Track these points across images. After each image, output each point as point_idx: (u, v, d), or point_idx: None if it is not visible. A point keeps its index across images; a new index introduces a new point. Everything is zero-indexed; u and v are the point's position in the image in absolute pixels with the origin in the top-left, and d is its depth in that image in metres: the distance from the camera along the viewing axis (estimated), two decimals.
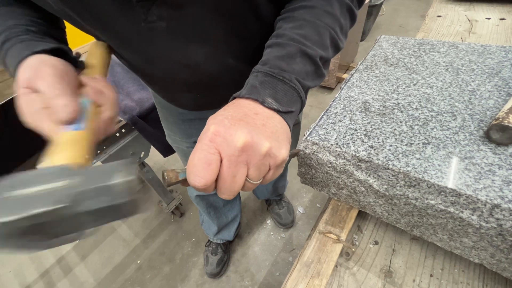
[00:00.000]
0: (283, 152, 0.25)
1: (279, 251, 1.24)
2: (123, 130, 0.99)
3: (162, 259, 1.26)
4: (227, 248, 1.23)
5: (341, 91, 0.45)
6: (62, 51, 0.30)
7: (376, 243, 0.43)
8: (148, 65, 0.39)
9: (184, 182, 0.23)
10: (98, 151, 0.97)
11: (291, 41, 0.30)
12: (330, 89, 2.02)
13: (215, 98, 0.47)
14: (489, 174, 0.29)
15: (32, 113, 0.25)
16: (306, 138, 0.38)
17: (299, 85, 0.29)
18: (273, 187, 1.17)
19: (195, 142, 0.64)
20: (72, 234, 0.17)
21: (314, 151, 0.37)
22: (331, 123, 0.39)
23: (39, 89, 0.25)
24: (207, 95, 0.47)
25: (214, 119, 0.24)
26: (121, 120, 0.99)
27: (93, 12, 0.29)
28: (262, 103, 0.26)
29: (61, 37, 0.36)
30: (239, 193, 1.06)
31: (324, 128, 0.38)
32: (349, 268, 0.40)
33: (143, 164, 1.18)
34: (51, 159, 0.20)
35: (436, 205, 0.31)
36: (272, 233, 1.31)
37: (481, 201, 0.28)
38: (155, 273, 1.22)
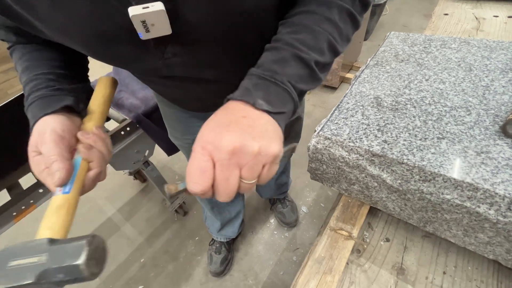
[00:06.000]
0: (273, 147, 0.26)
1: (283, 250, 1.24)
2: (127, 129, 0.99)
3: (166, 257, 1.26)
4: (231, 247, 1.22)
5: (351, 87, 0.44)
6: (69, 107, 0.35)
7: (388, 240, 0.43)
8: (163, 88, 0.45)
9: (185, 191, 0.27)
10: None
11: (287, 46, 0.31)
12: (334, 88, 2.01)
13: (222, 104, 0.51)
14: (507, 169, 0.29)
15: (39, 172, 0.31)
16: (318, 133, 0.38)
17: (291, 87, 0.30)
18: (276, 184, 1.17)
19: (195, 139, 0.65)
20: None
21: (326, 146, 0.37)
22: (343, 118, 0.39)
23: (42, 152, 0.31)
24: (214, 103, 0.50)
25: (205, 127, 0.27)
26: (126, 119, 1.00)
27: (116, 58, 0.33)
28: (253, 104, 0.27)
29: (82, 77, 0.42)
30: None
31: (336, 123, 0.38)
32: (361, 265, 0.40)
33: (147, 163, 1.18)
34: (41, 228, 0.27)
35: (452, 200, 0.31)
36: (275, 232, 1.31)
37: (499, 195, 0.27)
38: (159, 272, 1.22)
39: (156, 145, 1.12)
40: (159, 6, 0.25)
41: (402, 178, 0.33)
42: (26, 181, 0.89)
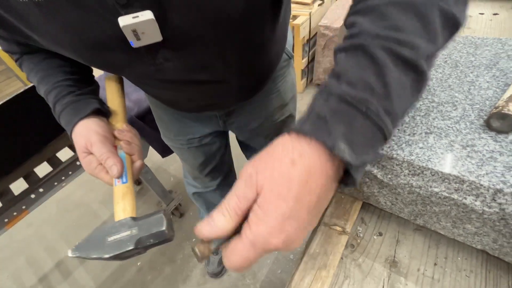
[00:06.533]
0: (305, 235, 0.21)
1: None
2: None
3: (163, 260, 1.25)
4: None
5: None
6: (98, 109, 0.39)
7: (380, 234, 0.43)
8: (156, 90, 0.46)
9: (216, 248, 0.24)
10: None
11: (376, 39, 0.20)
12: None
13: (214, 104, 0.51)
14: (491, 161, 0.30)
15: (91, 169, 0.35)
16: None
17: (387, 121, 0.20)
18: None
19: (189, 139, 0.65)
20: (132, 257, 0.31)
21: None
22: None
23: (93, 152, 0.35)
24: (207, 103, 0.50)
25: (266, 212, 0.19)
26: None
27: (108, 64, 0.34)
28: (331, 148, 0.19)
29: (91, 78, 0.45)
30: None
31: None
32: (355, 260, 0.41)
33: None
34: (117, 212, 0.33)
35: (439, 193, 0.32)
36: None
37: (484, 187, 0.28)
38: (156, 275, 1.21)
39: (150, 147, 1.12)
40: (149, 15, 0.26)
41: (392, 173, 0.34)
42: (17, 187, 0.88)
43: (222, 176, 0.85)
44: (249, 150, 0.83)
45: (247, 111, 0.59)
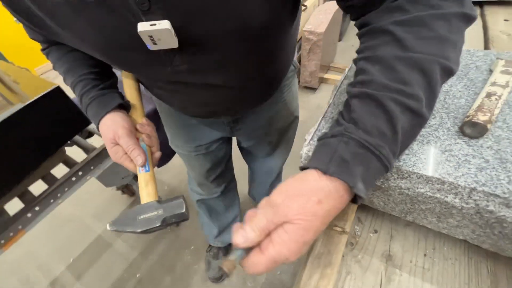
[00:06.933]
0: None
1: None
2: None
3: (162, 270, 1.25)
4: (228, 252, 1.25)
5: (334, 97, 0.50)
6: (121, 104, 0.43)
7: (376, 231, 0.48)
8: (169, 93, 0.48)
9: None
10: (92, 167, 0.96)
11: (386, 91, 0.24)
12: (314, 89, 2.10)
13: (223, 110, 0.53)
14: (466, 163, 0.35)
15: (118, 158, 0.41)
16: (309, 142, 0.42)
17: (393, 161, 0.25)
18: (270, 188, 1.21)
19: (197, 147, 0.67)
20: (158, 231, 0.38)
21: None
22: (329, 127, 0.43)
23: (120, 144, 0.40)
24: (216, 109, 0.53)
25: (291, 234, 0.23)
26: None
27: (128, 64, 0.37)
28: (353, 188, 0.23)
29: (111, 71, 0.49)
30: (237, 194, 1.08)
31: (324, 132, 0.43)
32: (355, 256, 0.45)
33: (137, 176, 1.17)
34: (143, 196, 0.39)
35: (425, 193, 0.36)
36: None
37: (461, 186, 0.33)
38: (156, 285, 1.21)
39: None
40: (165, 25, 0.27)
41: (384, 177, 0.39)
42: (11, 207, 0.86)
43: (226, 182, 0.87)
44: (251, 156, 0.85)
45: (253, 119, 0.61)
